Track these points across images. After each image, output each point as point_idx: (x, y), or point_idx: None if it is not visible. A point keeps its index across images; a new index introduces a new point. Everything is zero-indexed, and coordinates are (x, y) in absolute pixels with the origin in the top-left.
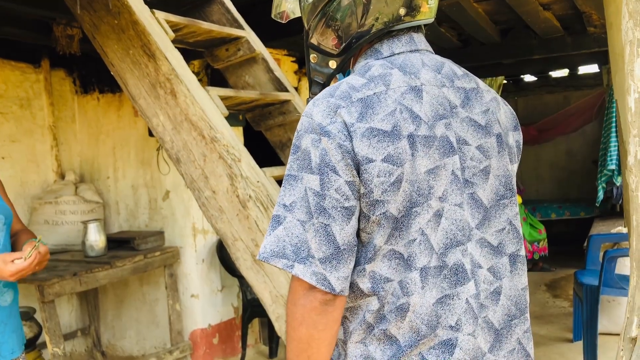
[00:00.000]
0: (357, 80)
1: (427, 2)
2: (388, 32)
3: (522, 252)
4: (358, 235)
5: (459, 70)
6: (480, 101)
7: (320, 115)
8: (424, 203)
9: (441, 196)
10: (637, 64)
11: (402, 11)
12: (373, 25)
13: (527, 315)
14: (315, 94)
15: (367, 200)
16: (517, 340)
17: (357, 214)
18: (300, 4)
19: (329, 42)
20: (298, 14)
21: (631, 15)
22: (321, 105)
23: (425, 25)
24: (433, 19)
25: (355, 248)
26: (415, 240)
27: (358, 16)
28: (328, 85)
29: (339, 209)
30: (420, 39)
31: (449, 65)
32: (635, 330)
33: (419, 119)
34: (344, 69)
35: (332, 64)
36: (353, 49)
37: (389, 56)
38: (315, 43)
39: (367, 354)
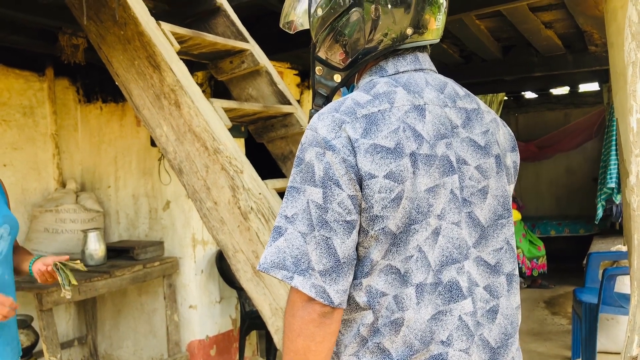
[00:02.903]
0: (362, 96)
1: (435, 21)
2: (394, 50)
3: (517, 272)
4: (356, 249)
5: (461, 91)
6: (481, 122)
7: (325, 130)
8: (422, 221)
9: (439, 214)
10: None
11: (410, 30)
12: (381, 41)
13: (517, 333)
14: (319, 106)
15: (367, 215)
16: (512, 358)
17: (357, 227)
18: (309, 17)
19: (336, 56)
20: (306, 27)
21: (634, 37)
22: (326, 120)
23: (430, 45)
24: (439, 40)
25: (355, 262)
26: (412, 256)
27: (366, 32)
28: (331, 98)
29: (340, 222)
30: (425, 59)
31: (452, 85)
32: (636, 349)
33: (421, 137)
34: (349, 84)
35: (337, 78)
36: (359, 64)
37: (394, 74)
38: (322, 56)
39: None
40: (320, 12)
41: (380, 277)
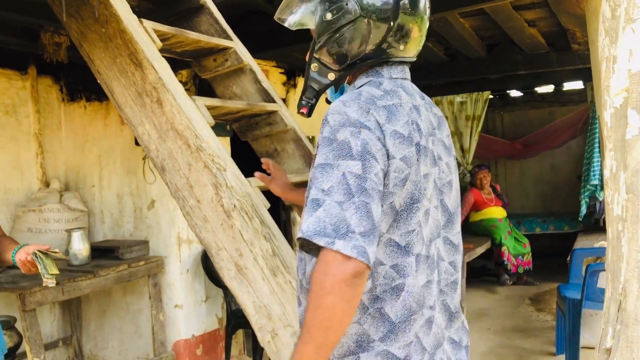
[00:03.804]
0: (374, 91)
1: (420, 42)
2: (387, 61)
3: None
4: None
5: (431, 101)
6: (445, 127)
7: (355, 113)
8: (421, 200)
9: (429, 198)
10: (613, 80)
11: (403, 46)
12: (380, 50)
13: None
14: (310, 99)
15: (384, 190)
16: (462, 320)
17: None
18: (316, 18)
19: (334, 57)
20: (306, 27)
21: (607, 33)
22: (354, 106)
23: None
24: (415, 59)
25: None
26: (414, 230)
27: (368, 41)
28: (321, 93)
29: (376, 190)
30: (407, 70)
31: (426, 96)
32: (610, 341)
33: (421, 132)
34: (339, 84)
35: (331, 76)
36: (355, 68)
37: (389, 79)
38: (320, 55)
39: (362, 332)
40: (329, 17)
41: (381, 249)
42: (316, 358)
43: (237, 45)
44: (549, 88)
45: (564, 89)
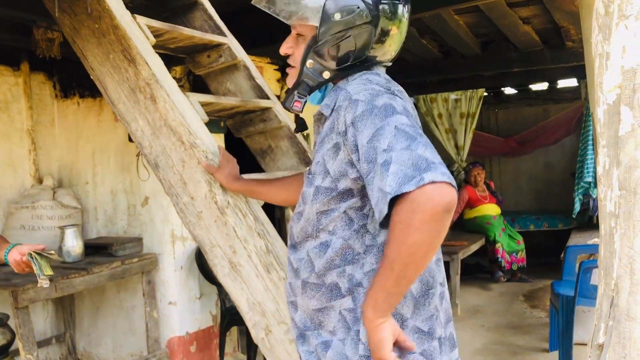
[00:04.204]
0: (377, 78)
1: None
2: (379, 63)
3: None
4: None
5: None
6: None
7: (381, 88)
8: None
9: None
10: (606, 77)
11: (394, 53)
12: (377, 55)
13: None
14: (302, 95)
15: None
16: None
17: None
18: (324, 15)
19: (336, 57)
20: (303, 22)
21: (600, 29)
22: (375, 85)
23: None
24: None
25: None
26: None
27: (371, 45)
28: (314, 90)
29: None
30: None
31: None
32: (602, 337)
33: (417, 118)
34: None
35: (326, 75)
36: (355, 69)
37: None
38: (319, 54)
39: (395, 313)
40: (338, 17)
41: None
42: (394, 291)
43: (231, 41)
44: (543, 85)
45: (558, 86)
